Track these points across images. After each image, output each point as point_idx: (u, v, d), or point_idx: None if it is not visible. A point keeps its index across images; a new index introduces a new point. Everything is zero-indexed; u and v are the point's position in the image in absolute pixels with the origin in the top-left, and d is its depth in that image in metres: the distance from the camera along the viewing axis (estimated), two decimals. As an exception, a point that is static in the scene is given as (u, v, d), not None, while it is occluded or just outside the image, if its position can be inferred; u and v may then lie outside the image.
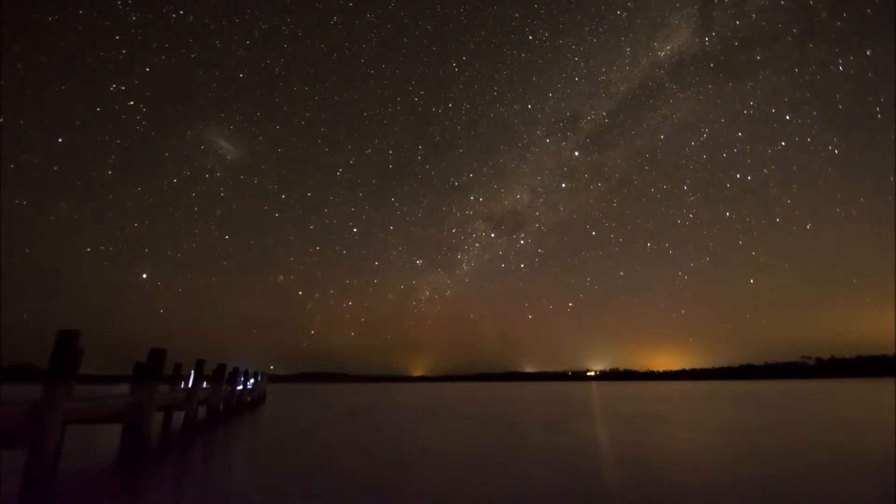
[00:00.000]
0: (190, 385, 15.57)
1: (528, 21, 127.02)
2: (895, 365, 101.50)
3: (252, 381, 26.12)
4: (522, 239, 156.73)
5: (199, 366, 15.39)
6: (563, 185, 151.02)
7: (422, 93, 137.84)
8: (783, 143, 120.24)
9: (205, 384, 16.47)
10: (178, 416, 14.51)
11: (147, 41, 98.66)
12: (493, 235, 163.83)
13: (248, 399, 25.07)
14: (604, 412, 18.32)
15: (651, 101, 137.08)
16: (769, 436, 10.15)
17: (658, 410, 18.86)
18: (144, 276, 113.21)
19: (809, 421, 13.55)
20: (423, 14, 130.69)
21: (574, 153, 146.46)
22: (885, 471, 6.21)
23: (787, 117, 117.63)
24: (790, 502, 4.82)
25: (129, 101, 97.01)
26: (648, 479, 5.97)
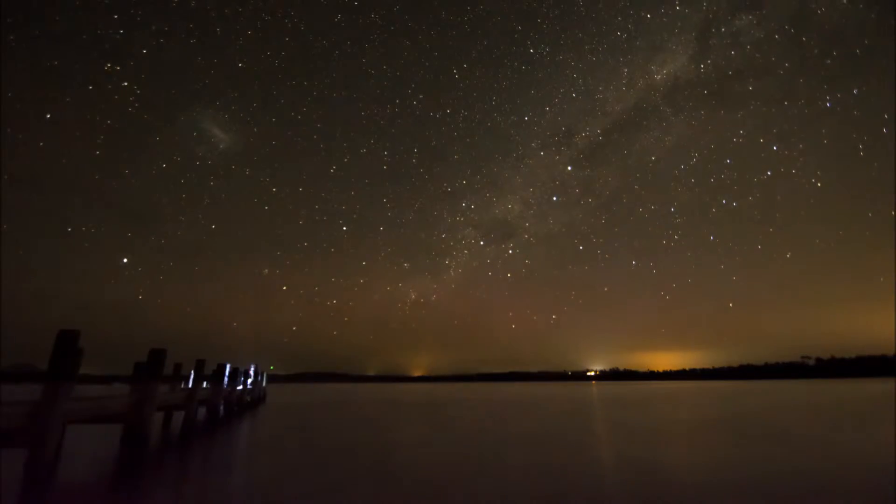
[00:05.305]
0: (190, 385, 15.57)
1: (530, 35, 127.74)
2: (895, 365, 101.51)
3: (251, 380, 26.13)
4: (511, 249, 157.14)
5: (199, 366, 15.39)
6: (555, 199, 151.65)
7: (421, 97, 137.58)
8: (769, 173, 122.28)
9: (205, 384, 16.48)
10: (179, 416, 14.51)
11: (146, 23, 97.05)
12: (482, 243, 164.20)
13: (248, 399, 25.09)
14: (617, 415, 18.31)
15: (645, 123, 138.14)
16: (768, 436, 10.15)
17: (661, 411, 18.84)
18: (125, 260, 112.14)
19: (808, 421, 13.54)
20: (427, 19, 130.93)
21: (567, 167, 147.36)
22: (885, 471, 6.21)
23: (775, 148, 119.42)
24: (790, 501, 4.81)
25: (124, 82, 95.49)
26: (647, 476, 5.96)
